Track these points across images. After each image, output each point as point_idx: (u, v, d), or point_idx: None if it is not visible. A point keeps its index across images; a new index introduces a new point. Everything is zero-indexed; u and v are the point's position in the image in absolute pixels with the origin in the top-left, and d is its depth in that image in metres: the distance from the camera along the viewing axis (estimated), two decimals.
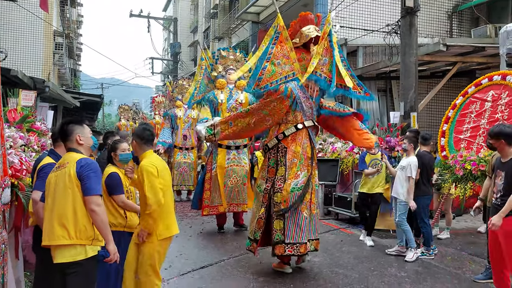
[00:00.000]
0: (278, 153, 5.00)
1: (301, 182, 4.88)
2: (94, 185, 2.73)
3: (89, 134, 3.06)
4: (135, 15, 24.89)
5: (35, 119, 5.65)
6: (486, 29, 11.22)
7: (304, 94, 4.99)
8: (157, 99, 14.89)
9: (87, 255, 2.71)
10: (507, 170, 3.90)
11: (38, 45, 17.74)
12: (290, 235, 4.74)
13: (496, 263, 4.12)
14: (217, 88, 7.21)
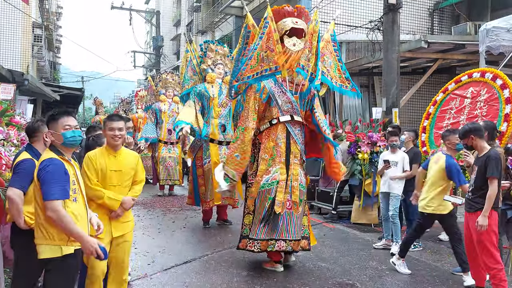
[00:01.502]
0: (255, 149, 5.03)
1: (271, 178, 4.76)
2: (49, 190, 2.59)
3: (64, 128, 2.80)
4: (117, 7, 24.48)
5: (14, 113, 5.53)
6: (466, 27, 11.43)
7: (280, 88, 4.90)
8: (140, 93, 14.72)
9: (62, 253, 2.67)
10: (480, 165, 3.99)
11: (16, 37, 17.31)
12: (254, 231, 4.74)
13: (472, 258, 4.23)
14: (207, 82, 7.08)
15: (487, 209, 3.86)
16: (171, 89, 11.02)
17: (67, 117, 2.79)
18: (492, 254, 3.95)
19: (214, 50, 7.30)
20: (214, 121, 6.94)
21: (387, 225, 5.87)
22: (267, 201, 4.73)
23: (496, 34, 7.07)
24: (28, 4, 12.88)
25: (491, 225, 3.93)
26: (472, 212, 4.03)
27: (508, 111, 5.89)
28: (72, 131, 2.77)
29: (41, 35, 19.04)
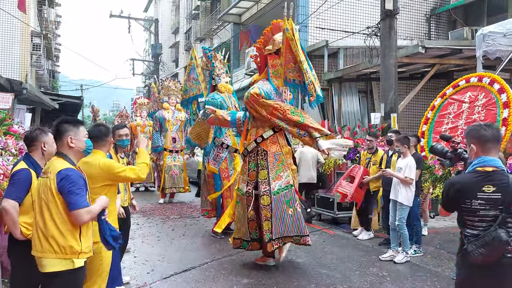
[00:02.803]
0: (257, 156, 5.08)
1: (285, 182, 5.01)
2: (77, 199, 2.60)
3: (85, 137, 2.88)
4: (116, 15, 24.57)
5: (13, 122, 5.53)
6: (463, 32, 11.48)
7: (280, 98, 5.09)
8: (138, 101, 14.73)
9: (74, 266, 2.64)
10: None
11: (14, 46, 17.36)
12: (276, 231, 4.92)
13: None
14: (221, 92, 6.85)
15: None
16: (174, 97, 11.03)
17: (83, 127, 2.89)
18: None
19: (219, 59, 7.12)
20: (231, 132, 6.89)
21: (394, 235, 5.73)
22: (285, 204, 4.96)
23: (493, 39, 7.10)
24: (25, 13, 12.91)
25: None
26: None
27: (506, 115, 5.91)
28: (88, 140, 2.91)
29: (39, 44, 19.10)
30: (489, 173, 2.50)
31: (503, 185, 2.46)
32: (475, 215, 2.50)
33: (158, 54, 26.22)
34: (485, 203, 2.47)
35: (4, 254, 3.61)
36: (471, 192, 2.50)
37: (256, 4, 16.47)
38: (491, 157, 2.53)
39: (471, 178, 2.54)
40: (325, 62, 12.15)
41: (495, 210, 2.46)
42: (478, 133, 2.57)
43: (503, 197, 2.45)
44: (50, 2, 24.26)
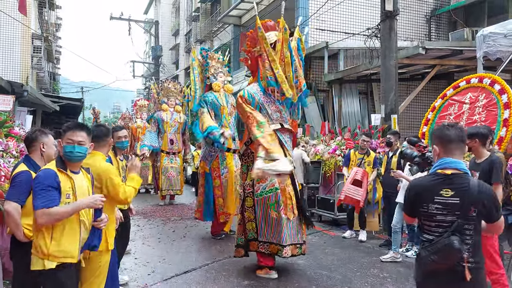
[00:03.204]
0: (248, 158, 5.07)
1: (269, 185, 4.84)
2: (36, 200, 2.62)
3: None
4: (116, 18, 24.61)
5: (14, 124, 5.54)
6: (463, 33, 11.48)
7: (268, 98, 5.01)
8: (139, 103, 14.75)
9: (45, 267, 2.65)
10: (481, 171, 3.98)
11: (15, 48, 17.39)
12: (261, 233, 4.86)
13: None
14: (215, 91, 6.98)
15: None
16: (173, 98, 11.02)
17: (73, 132, 2.81)
18: (494, 259, 3.94)
19: (215, 58, 7.23)
20: (226, 130, 6.79)
21: (396, 237, 5.70)
22: (269, 208, 4.81)
23: (493, 39, 7.09)
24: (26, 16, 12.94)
25: None
26: None
27: (507, 116, 5.90)
28: (71, 146, 2.77)
29: (40, 46, 19.13)
30: (448, 176, 2.35)
31: (462, 189, 2.31)
32: (432, 220, 2.37)
33: (158, 56, 26.27)
34: (442, 208, 2.34)
35: (6, 256, 3.61)
36: (428, 196, 2.37)
37: (256, 6, 16.49)
38: (454, 159, 2.37)
39: (429, 181, 2.41)
40: (325, 64, 12.15)
41: (452, 216, 2.32)
42: (441, 133, 2.43)
43: (461, 202, 2.30)
44: (50, 4, 24.30)
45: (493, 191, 2.38)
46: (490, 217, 2.36)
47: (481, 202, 2.30)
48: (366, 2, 13.81)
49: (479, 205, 2.30)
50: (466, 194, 2.29)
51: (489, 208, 2.32)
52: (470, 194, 2.29)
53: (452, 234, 2.28)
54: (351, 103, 12.74)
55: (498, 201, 2.38)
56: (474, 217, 2.30)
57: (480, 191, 2.30)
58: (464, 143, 2.46)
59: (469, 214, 2.30)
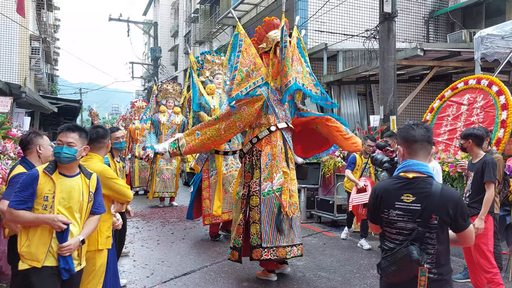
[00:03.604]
0: (253, 157, 4.96)
1: (276, 184, 4.79)
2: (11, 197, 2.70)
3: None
4: (115, 19, 24.62)
5: (11, 126, 5.53)
6: (461, 34, 11.51)
7: (275, 96, 5.00)
8: (137, 104, 14.72)
9: (19, 267, 2.66)
10: (475, 171, 4.07)
11: (13, 50, 17.38)
12: (266, 238, 4.64)
13: (471, 263, 4.23)
14: (208, 93, 7.05)
15: (484, 213, 3.96)
16: (172, 100, 11.00)
17: (64, 133, 2.79)
18: (487, 257, 4.01)
19: (211, 60, 7.31)
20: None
21: None
22: (276, 207, 4.72)
23: (491, 41, 7.11)
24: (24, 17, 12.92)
25: (488, 229, 4.01)
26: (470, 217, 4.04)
27: (505, 117, 5.92)
28: (58, 147, 2.73)
29: (38, 47, 19.11)
30: (410, 180, 2.17)
31: (423, 195, 2.12)
32: (393, 227, 2.20)
33: (157, 57, 26.27)
34: (402, 214, 2.16)
35: (4, 259, 3.60)
36: (389, 201, 2.20)
37: (255, 8, 16.50)
38: (418, 160, 2.20)
39: (391, 185, 2.24)
40: (324, 65, 12.16)
41: (413, 223, 2.14)
42: (405, 133, 2.24)
43: (422, 209, 2.11)
44: (49, 5, 24.29)
45: (459, 197, 2.16)
46: (456, 226, 2.17)
47: (444, 209, 2.10)
48: (365, 4, 13.84)
49: (442, 212, 2.10)
50: (427, 199, 2.11)
51: (454, 216, 2.12)
52: (431, 200, 2.10)
53: (411, 243, 2.11)
54: (350, 104, 12.75)
55: (465, 208, 2.17)
56: (435, 225, 2.11)
57: (443, 197, 2.10)
58: (430, 143, 2.25)
59: (430, 222, 2.11)
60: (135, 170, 12.63)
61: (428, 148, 2.24)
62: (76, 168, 2.82)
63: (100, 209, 2.95)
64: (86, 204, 2.81)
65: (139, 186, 12.64)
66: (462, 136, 4.25)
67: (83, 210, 2.80)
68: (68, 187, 2.74)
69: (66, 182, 2.74)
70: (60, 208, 2.69)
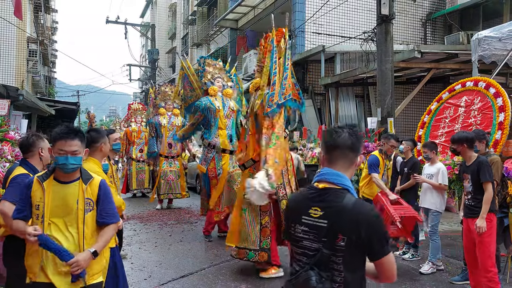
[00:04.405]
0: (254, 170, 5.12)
1: (294, 188, 5.19)
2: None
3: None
4: (112, 21, 24.59)
5: (9, 129, 5.51)
6: (458, 36, 11.56)
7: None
8: (133, 106, 14.69)
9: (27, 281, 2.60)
10: (471, 173, 4.13)
11: (10, 52, 17.32)
12: None
13: (473, 266, 4.23)
14: (211, 95, 7.17)
15: (485, 212, 3.99)
16: (171, 102, 11.01)
17: (65, 141, 2.52)
18: (491, 256, 4.04)
19: (212, 65, 7.41)
20: (223, 132, 7.03)
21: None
22: None
23: (488, 43, 7.14)
24: (22, 20, 12.90)
25: (493, 228, 4.05)
26: (474, 218, 4.09)
27: (502, 119, 5.93)
28: (64, 158, 2.50)
29: (36, 50, 19.05)
30: (320, 191, 1.83)
31: (332, 209, 1.77)
32: (298, 245, 1.85)
33: (155, 59, 26.23)
34: (308, 231, 1.81)
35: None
36: (297, 214, 1.86)
37: (252, 10, 16.54)
38: (335, 170, 1.84)
39: (302, 195, 1.92)
40: (322, 67, 12.19)
41: (318, 243, 1.77)
42: (325, 137, 1.93)
43: (329, 226, 1.75)
44: (46, 8, 24.26)
45: (376, 216, 1.78)
46: (371, 252, 1.77)
47: (354, 229, 1.72)
48: (362, 6, 13.88)
49: (351, 232, 1.72)
50: (335, 215, 1.75)
51: (367, 238, 1.72)
52: (340, 216, 1.74)
53: (311, 267, 1.75)
54: (348, 106, 12.78)
55: (383, 230, 1.78)
56: (342, 247, 1.72)
57: (354, 214, 1.73)
58: (354, 152, 1.87)
59: (336, 243, 1.73)
60: (133, 172, 12.61)
61: (350, 157, 1.86)
62: (76, 174, 2.59)
63: (109, 219, 2.64)
64: (83, 213, 2.53)
65: (136, 188, 12.62)
66: (454, 140, 4.29)
67: (79, 220, 2.52)
68: (62, 194, 2.52)
69: (61, 189, 2.53)
70: (54, 218, 2.49)
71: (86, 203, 2.56)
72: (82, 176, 2.61)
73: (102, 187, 2.65)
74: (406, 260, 5.78)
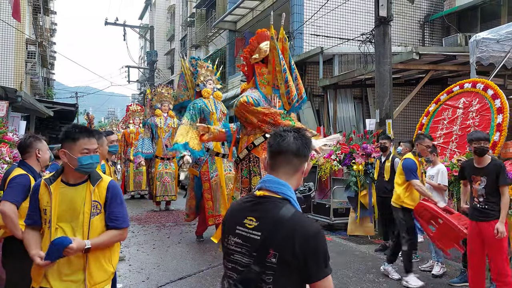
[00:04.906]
0: (250, 163, 5.06)
1: None
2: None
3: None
4: (111, 23, 24.58)
5: (7, 130, 5.49)
6: (456, 38, 11.58)
7: (269, 104, 5.09)
8: (131, 108, 14.69)
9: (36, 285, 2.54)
10: (488, 175, 4.02)
11: (9, 54, 17.29)
12: None
13: (478, 270, 4.17)
14: (204, 97, 7.18)
15: (504, 216, 3.94)
16: (167, 103, 11.00)
17: (88, 139, 2.38)
18: (506, 260, 4.02)
19: (204, 67, 7.42)
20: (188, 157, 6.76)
21: (432, 244, 5.37)
22: None
23: (486, 45, 7.15)
24: (20, 22, 12.89)
25: (506, 232, 4.01)
26: (486, 221, 4.03)
27: (500, 121, 5.94)
28: (88, 157, 2.36)
29: (34, 51, 19.04)
30: (257, 199, 1.63)
31: (267, 220, 1.56)
32: (229, 259, 1.65)
33: (153, 61, 26.24)
34: (241, 244, 1.60)
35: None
36: (232, 224, 1.67)
37: (251, 12, 16.55)
38: (277, 177, 1.64)
39: (239, 204, 1.73)
40: (320, 69, 12.19)
41: (249, 258, 1.56)
42: (269, 141, 1.70)
43: (262, 239, 1.54)
44: (45, 9, 24.25)
45: (316, 232, 1.55)
46: (305, 273, 1.52)
47: (288, 245, 1.49)
48: (361, 8, 13.90)
49: (284, 248, 1.50)
50: (269, 228, 1.53)
51: (303, 257, 1.49)
52: (274, 229, 1.52)
53: (234, 285, 1.56)
54: (346, 108, 12.78)
55: (323, 248, 1.54)
56: (274, 265, 1.50)
57: (290, 227, 1.51)
58: (300, 158, 1.66)
59: (267, 259, 1.50)
60: (130, 174, 12.61)
61: (294, 163, 1.65)
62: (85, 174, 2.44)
63: (119, 223, 2.43)
64: (88, 216, 2.35)
65: (134, 190, 12.61)
66: (482, 138, 4.05)
67: (85, 224, 2.34)
68: (69, 197, 2.36)
69: (68, 192, 2.37)
70: (61, 223, 2.33)
71: (93, 206, 2.37)
72: (90, 177, 2.43)
73: (110, 188, 2.46)
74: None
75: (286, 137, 1.65)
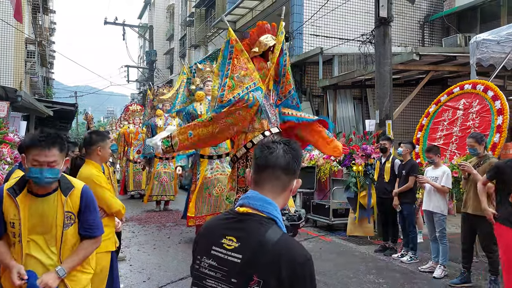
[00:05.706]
0: (247, 162, 4.96)
1: None
2: None
3: None
4: (110, 22, 24.55)
5: (8, 131, 5.50)
6: (456, 38, 11.59)
7: (268, 101, 5.01)
8: (131, 108, 14.68)
9: None
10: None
11: (9, 54, 17.29)
12: None
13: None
14: (196, 100, 7.21)
15: None
16: (168, 103, 11.00)
17: (40, 150, 2.14)
18: None
19: (201, 69, 7.43)
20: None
21: (434, 246, 5.49)
22: None
23: (486, 46, 7.16)
24: (21, 22, 12.88)
25: None
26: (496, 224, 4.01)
27: (500, 122, 5.96)
28: (36, 170, 2.13)
29: (34, 51, 19.03)
30: (239, 216, 1.43)
31: (250, 241, 1.36)
32: (202, 284, 1.41)
33: (152, 60, 26.22)
34: (217, 267, 1.38)
35: None
36: (207, 243, 1.44)
37: (250, 11, 16.55)
38: (263, 194, 1.44)
39: (217, 220, 1.51)
40: (320, 69, 12.20)
41: (227, 284, 1.35)
42: (255, 154, 1.50)
43: (243, 263, 1.34)
44: (44, 9, 24.22)
45: (305, 258, 1.35)
46: None
47: (273, 270, 1.31)
48: (361, 9, 13.91)
49: (269, 273, 1.31)
50: (253, 250, 1.34)
51: (288, 283, 1.30)
52: (259, 252, 1.33)
53: None
54: (346, 108, 12.79)
55: (312, 277, 1.36)
56: None
57: (277, 252, 1.32)
58: (289, 174, 1.46)
59: (249, 286, 1.31)
60: (130, 173, 12.61)
61: (282, 180, 1.46)
62: (53, 185, 2.24)
63: (92, 231, 2.32)
64: (61, 229, 2.21)
65: (133, 189, 12.61)
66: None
67: (57, 237, 2.21)
68: (40, 210, 2.20)
69: (39, 204, 2.20)
70: (33, 236, 2.18)
71: (66, 217, 2.23)
72: (60, 186, 2.25)
73: (84, 195, 2.30)
74: (404, 263, 5.79)
75: (274, 150, 1.45)
